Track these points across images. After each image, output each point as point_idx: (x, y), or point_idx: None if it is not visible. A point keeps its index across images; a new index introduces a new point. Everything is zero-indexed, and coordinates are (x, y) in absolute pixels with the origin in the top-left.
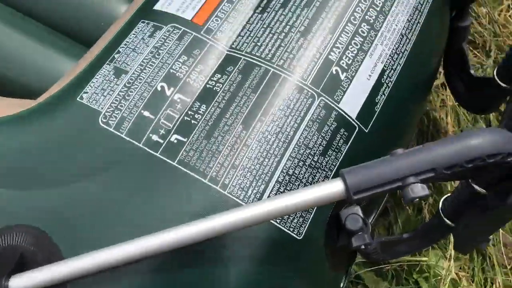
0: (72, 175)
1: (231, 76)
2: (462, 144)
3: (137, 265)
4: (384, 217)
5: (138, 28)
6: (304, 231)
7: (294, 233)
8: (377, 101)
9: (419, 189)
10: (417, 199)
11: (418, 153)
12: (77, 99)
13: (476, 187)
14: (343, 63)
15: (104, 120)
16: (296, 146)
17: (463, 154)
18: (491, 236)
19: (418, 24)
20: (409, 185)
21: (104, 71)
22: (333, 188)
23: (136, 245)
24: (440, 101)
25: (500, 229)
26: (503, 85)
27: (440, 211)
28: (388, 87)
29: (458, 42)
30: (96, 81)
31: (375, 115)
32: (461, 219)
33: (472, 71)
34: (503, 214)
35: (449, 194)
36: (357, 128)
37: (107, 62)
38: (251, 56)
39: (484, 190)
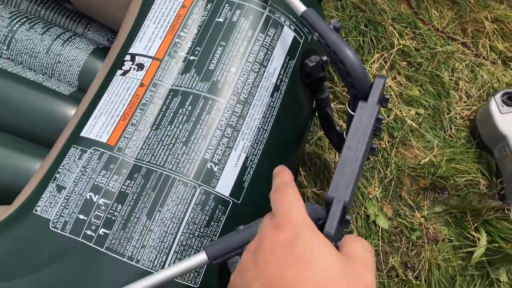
0: (34, 268)
1: (137, 181)
2: None
3: None
4: None
5: (70, 152)
6: (200, 281)
7: (192, 284)
8: (244, 179)
9: None
10: None
11: (250, 228)
12: (33, 211)
13: None
14: (215, 159)
15: (53, 225)
16: (186, 224)
17: None
18: None
19: (272, 117)
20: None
21: (50, 188)
22: (201, 257)
23: None
24: (328, 143)
25: None
26: None
27: None
28: (252, 168)
29: (323, 108)
30: (45, 196)
31: (244, 190)
32: None
33: (337, 128)
34: None
35: None
36: (231, 203)
37: (51, 181)
38: (150, 164)
39: None
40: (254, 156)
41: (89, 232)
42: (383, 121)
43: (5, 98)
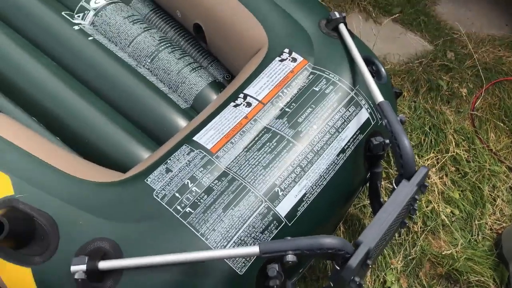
0: (136, 219)
1: (223, 182)
2: (316, 240)
3: (159, 269)
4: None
5: (182, 149)
6: (244, 270)
7: (238, 270)
8: (298, 209)
9: (292, 257)
10: (290, 262)
11: (295, 240)
12: (144, 180)
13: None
14: (282, 186)
15: (156, 194)
16: (247, 225)
17: (315, 245)
18: None
19: (333, 171)
20: (288, 254)
21: (161, 169)
22: (254, 249)
23: (162, 258)
24: (370, 212)
25: None
26: None
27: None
28: (307, 203)
29: (374, 180)
30: (155, 172)
31: (296, 217)
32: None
33: (381, 200)
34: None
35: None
36: (284, 222)
37: (162, 164)
38: (235, 174)
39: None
40: (311, 194)
41: (179, 207)
42: (418, 202)
43: (138, 97)
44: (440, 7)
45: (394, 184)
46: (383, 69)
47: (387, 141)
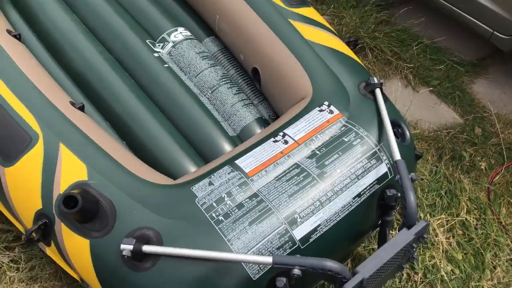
0: (178, 217)
1: (252, 202)
2: (320, 262)
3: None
4: None
5: (224, 168)
6: (258, 277)
7: (252, 275)
8: (311, 237)
9: (298, 271)
10: (295, 275)
11: (303, 258)
12: (190, 188)
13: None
14: (301, 214)
15: (197, 201)
16: (266, 241)
17: (319, 265)
18: None
19: (347, 211)
20: (295, 269)
21: (204, 181)
22: (268, 259)
23: (194, 252)
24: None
25: None
26: None
27: None
28: (320, 232)
29: (384, 227)
30: (200, 183)
31: (309, 242)
32: None
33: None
34: None
35: None
36: (297, 244)
37: (206, 178)
38: (264, 197)
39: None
40: (324, 226)
41: (214, 215)
42: (415, 248)
43: (196, 119)
44: (477, 85)
45: (397, 230)
46: (407, 133)
47: (399, 194)
